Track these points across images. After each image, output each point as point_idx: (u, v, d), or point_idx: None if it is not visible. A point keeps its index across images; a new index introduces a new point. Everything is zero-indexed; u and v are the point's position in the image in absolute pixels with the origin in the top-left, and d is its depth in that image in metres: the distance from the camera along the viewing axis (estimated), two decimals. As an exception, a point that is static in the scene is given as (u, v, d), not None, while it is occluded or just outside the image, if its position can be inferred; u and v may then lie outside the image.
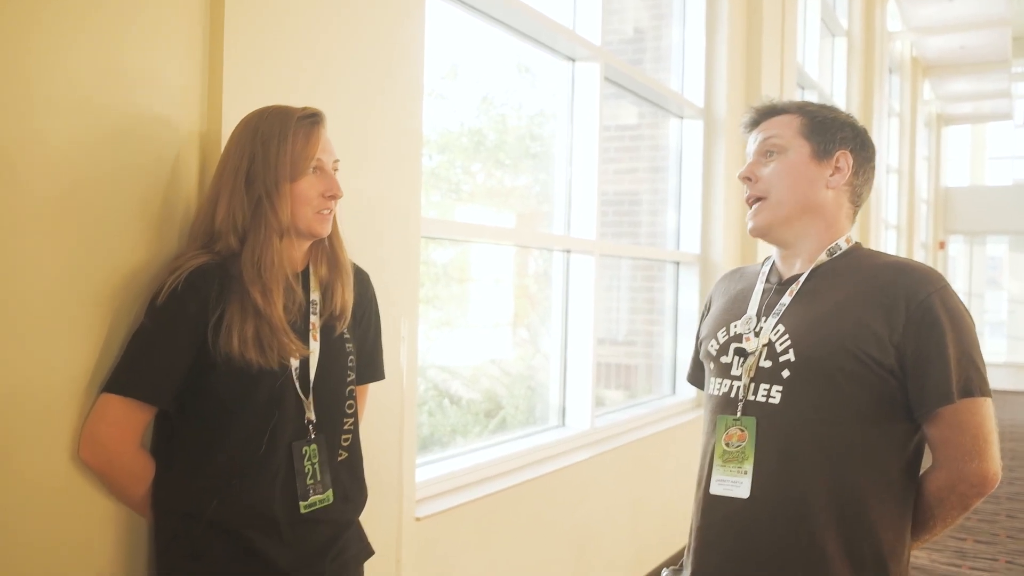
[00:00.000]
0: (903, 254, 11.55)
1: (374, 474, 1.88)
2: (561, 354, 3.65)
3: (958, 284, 16.70)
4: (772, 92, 5.24)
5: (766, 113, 1.62)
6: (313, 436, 1.59)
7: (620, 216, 4.73)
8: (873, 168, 1.62)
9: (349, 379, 1.67)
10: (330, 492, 1.62)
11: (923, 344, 1.41)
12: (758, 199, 1.58)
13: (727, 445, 1.52)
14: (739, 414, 1.52)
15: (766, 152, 1.58)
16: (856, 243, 1.60)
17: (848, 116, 1.62)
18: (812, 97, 7.22)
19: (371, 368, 1.82)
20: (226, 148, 1.57)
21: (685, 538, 1.66)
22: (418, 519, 2.40)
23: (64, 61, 1.44)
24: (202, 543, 1.51)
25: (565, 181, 3.65)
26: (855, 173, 1.58)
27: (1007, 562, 4.53)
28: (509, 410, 3.52)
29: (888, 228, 10.70)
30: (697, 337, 1.78)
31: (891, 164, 10.85)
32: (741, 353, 1.56)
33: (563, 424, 3.63)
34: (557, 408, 3.65)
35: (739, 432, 1.51)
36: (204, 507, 1.50)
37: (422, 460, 2.70)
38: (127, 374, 1.48)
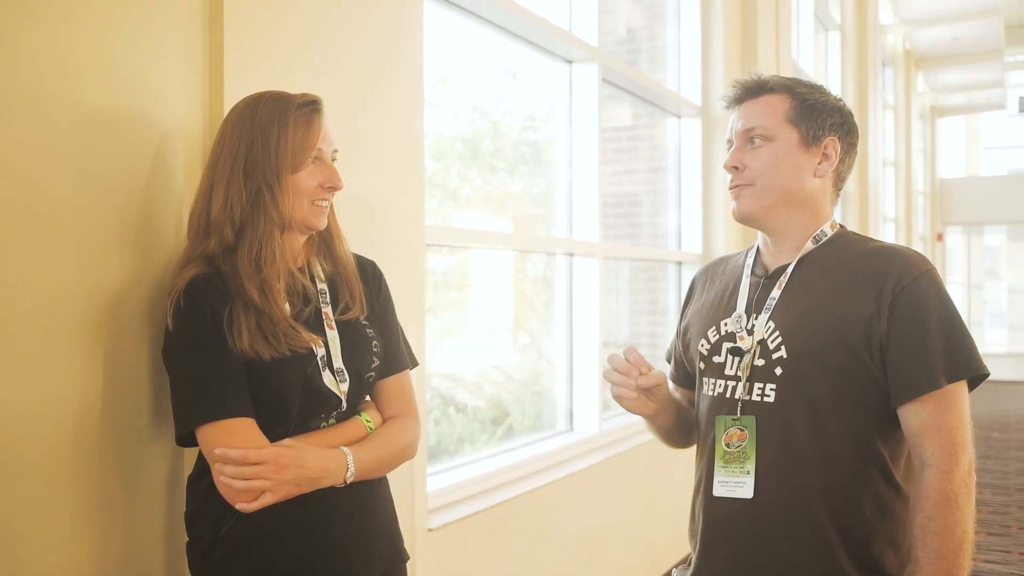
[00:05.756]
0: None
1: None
2: (567, 358, 3.62)
3: (956, 275, 16.71)
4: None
5: (753, 91, 1.54)
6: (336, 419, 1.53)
7: (620, 218, 4.70)
8: (856, 153, 1.59)
9: (373, 365, 1.59)
10: None
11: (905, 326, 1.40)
12: (743, 186, 1.52)
13: (727, 446, 1.51)
14: (739, 414, 1.50)
15: (750, 138, 1.52)
16: (840, 227, 1.57)
17: (836, 100, 1.56)
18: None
19: (398, 358, 1.67)
20: (220, 134, 1.48)
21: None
22: (431, 530, 2.37)
23: (38, 55, 1.38)
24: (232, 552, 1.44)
25: (566, 184, 3.62)
26: (841, 160, 1.54)
27: (1020, 554, 4.50)
28: (516, 416, 3.48)
29: (886, 221, 10.68)
30: (678, 333, 1.73)
31: (887, 157, 10.84)
32: (736, 352, 1.53)
33: (571, 429, 3.60)
34: (565, 412, 3.62)
35: (739, 432, 1.49)
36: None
37: (431, 470, 2.67)
38: (206, 403, 1.38)
